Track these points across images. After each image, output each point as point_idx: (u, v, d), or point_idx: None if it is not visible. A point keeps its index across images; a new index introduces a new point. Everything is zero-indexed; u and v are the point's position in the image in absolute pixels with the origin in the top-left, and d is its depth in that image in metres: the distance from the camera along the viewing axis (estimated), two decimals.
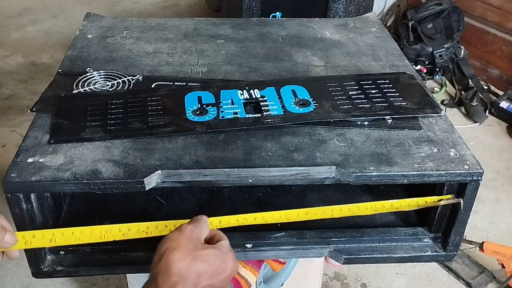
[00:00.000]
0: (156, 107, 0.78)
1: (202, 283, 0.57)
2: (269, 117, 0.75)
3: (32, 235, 0.64)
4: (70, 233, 0.64)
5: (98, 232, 0.65)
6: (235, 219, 0.67)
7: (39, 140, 0.71)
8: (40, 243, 0.64)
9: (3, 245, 0.61)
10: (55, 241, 0.64)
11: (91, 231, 0.65)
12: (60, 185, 0.64)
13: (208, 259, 0.58)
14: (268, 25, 1.10)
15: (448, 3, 2.62)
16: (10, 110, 2.42)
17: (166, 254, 0.56)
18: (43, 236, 0.64)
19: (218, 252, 0.59)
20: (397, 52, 1.00)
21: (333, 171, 0.68)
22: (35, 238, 0.64)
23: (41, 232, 0.65)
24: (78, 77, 0.87)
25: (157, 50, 0.98)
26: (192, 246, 0.58)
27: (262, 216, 0.68)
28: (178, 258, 0.56)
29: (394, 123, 0.77)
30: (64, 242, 0.65)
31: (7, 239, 0.61)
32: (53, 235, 0.64)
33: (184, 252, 0.57)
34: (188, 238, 0.59)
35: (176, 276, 0.54)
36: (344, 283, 1.64)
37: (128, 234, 0.65)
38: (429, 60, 2.64)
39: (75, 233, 0.65)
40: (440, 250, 0.78)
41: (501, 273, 1.62)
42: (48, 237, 0.64)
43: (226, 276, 0.59)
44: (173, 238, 0.58)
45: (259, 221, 0.68)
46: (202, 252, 0.58)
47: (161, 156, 0.69)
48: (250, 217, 0.67)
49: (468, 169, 0.68)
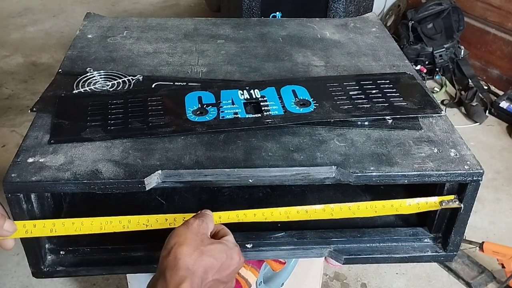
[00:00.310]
0: (156, 107, 0.78)
1: (209, 277, 0.57)
2: (269, 117, 0.75)
3: (32, 225, 0.65)
4: (70, 223, 0.65)
5: (98, 223, 0.66)
6: (235, 214, 0.67)
7: (39, 140, 0.71)
8: (40, 233, 0.65)
9: (3, 233, 0.62)
10: (55, 231, 0.65)
11: (92, 222, 0.66)
12: (60, 185, 0.64)
13: (215, 254, 0.58)
14: (268, 25, 1.10)
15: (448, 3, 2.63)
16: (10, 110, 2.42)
17: (174, 248, 0.57)
18: (44, 225, 0.65)
19: (224, 247, 0.60)
20: (397, 52, 1.00)
21: (333, 171, 0.68)
22: (35, 227, 0.65)
23: (41, 222, 0.65)
24: (78, 77, 0.87)
25: (157, 50, 0.98)
26: (199, 241, 0.59)
27: (262, 213, 0.68)
28: (186, 253, 0.56)
29: (394, 123, 0.77)
30: (64, 232, 0.66)
31: (7, 227, 0.62)
32: (54, 225, 0.65)
33: (191, 246, 0.57)
34: (195, 233, 0.59)
35: (184, 271, 0.55)
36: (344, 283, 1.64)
37: (128, 226, 0.66)
38: (429, 60, 2.64)
39: (75, 224, 0.65)
40: (440, 250, 0.78)
41: (501, 273, 1.62)
42: (49, 227, 0.65)
43: (232, 271, 0.60)
44: (181, 233, 0.59)
45: (259, 218, 0.68)
46: (209, 247, 0.58)
47: (161, 156, 0.69)
48: (250, 213, 0.68)
49: (469, 169, 0.68)
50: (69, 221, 0.66)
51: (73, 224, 0.65)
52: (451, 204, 0.70)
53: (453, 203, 0.70)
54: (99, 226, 0.66)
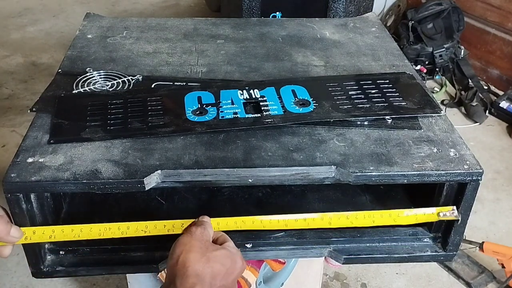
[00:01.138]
0: (156, 107, 0.78)
1: (217, 283, 0.58)
2: (269, 117, 0.75)
3: (32, 231, 0.65)
4: (69, 230, 0.66)
5: (97, 230, 0.66)
6: (233, 221, 0.68)
7: (39, 140, 0.71)
8: (39, 239, 0.66)
9: (10, 239, 0.62)
10: (54, 237, 0.66)
11: (90, 228, 0.66)
12: (60, 185, 0.64)
13: (220, 259, 0.60)
14: (268, 25, 1.10)
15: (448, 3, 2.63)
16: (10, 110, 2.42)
17: (182, 257, 0.58)
18: (43, 232, 0.65)
19: (228, 252, 0.61)
20: (397, 52, 1.00)
21: (333, 171, 0.68)
22: (35, 234, 0.65)
23: (41, 228, 0.66)
24: (78, 77, 0.87)
25: (157, 50, 0.98)
26: (204, 248, 0.60)
27: (260, 221, 0.68)
28: (194, 260, 0.58)
29: (394, 123, 0.77)
30: (63, 238, 0.66)
31: (13, 233, 0.63)
32: (53, 231, 0.65)
33: (198, 254, 0.58)
34: (200, 240, 0.61)
35: (194, 278, 0.56)
36: (344, 283, 1.64)
37: (127, 233, 0.66)
38: (429, 60, 2.64)
39: (74, 230, 0.66)
40: (440, 250, 0.78)
41: (501, 273, 1.62)
42: (48, 233, 0.65)
43: (235, 276, 0.62)
44: (186, 241, 0.60)
45: (257, 225, 0.68)
46: (214, 253, 0.60)
47: (161, 156, 0.69)
48: (249, 220, 0.68)
49: (468, 169, 0.68)
50: (68, 227, 0.66)
51: (72, 231, 0.66)
52: (448, 216, 0.70)
53: (451, 215, 0.70)
54: (98, 233, 0.66)
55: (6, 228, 0.62)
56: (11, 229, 0.62)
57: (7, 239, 0.62)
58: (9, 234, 0.62)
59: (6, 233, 0.62)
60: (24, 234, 0.64)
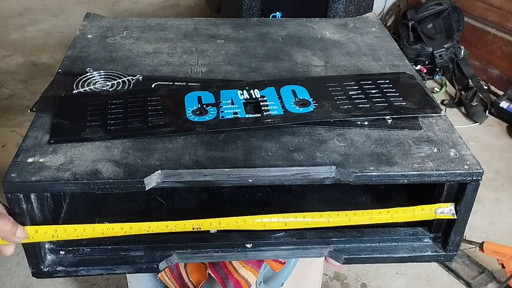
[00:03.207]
0: (156, 107, 0.78)
1: None
2: (269, 117, 0.75)
3: (34, 230, 0.65)
4: (72, 229, 0.66)
5: (100, 229, 0.67)
6: (234, 221, 0.68)
7: (39, 140, 0.71)
8: (42, 238, 0.66)
9: (15, 239, 0.63)
10: (57, 236, 0.66)
11: (94, 228, 0.67)
12: (60, 185, 0.64)
13: None
14: (268, 25, 1.10)
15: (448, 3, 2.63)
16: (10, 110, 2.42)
17: None
18: (46, 231, 0.66)
19: None
20: (397, 52, 1.00)
21: (333, 171, 0.68)
22: (37, 233, 0.66)
23: (43, 227, 0.66)
24: (78, 77, 0.87)
25: (157, 50, 0.98)
26: None
27: (260, 220, 0.69)
28: None
29: (394, 123, 0.77)
30: (66, 238, 0.67)
31: (19, 234, 0.63)
32: (56, 231, 0.66)
33: None
34: None
35: None
36: (344, 283, 1.64)
37: (130, 232, 0.67)
38: (429, 60, 2.64)
39: (77, 230, 0.66)
40: (440, 250, 0.78)
41: (501, 273, 1.62)
42: (51, 233, 0.66)
43: None
44: None
45: (257, 225, 0.68)
46: None
47: (161, 156, 0.69)
48: (249, 220, 0.68)
49: (468, 169, 0.68)
50: (71, 227, 0.66)
51: (75, 231, 0.66)
52: (446, 214, 0.71)
53: (448, 213, 0.70)
54: (101, 232, 0.67)
55: (13, 229, 0.62)
56: (17, 229, 0.63)
57: (13, 239, 0.63)
58: (15, 235, 0.63)
59: (13, 234, 0.63)
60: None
